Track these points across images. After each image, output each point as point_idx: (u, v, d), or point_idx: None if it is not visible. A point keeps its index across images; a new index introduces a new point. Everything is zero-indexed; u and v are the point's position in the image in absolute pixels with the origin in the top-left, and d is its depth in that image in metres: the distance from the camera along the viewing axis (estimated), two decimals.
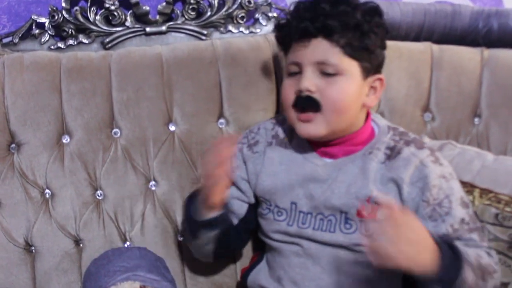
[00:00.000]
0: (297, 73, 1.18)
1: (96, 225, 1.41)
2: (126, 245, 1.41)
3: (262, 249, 1.34)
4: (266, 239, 1.28)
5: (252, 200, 1.29)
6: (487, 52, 1.48)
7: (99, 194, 1.41)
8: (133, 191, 1.42)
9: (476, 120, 1.47)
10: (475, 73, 1.46)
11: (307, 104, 1.16)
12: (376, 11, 1.19)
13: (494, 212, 1.27)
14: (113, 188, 1.42)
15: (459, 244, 1.12)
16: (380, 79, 1.21)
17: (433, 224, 1.15)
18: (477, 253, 1.13)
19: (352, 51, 1.15)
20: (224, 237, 1.26)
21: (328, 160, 1.22)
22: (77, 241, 1.41)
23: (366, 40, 1.16)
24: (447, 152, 1.37)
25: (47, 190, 1.40)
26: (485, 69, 1.46)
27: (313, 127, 1.17)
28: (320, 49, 1.15)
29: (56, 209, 1.40)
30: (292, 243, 1.23)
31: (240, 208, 1.29)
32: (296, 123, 1.19)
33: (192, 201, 1.26)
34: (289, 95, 1.18)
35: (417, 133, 1.43)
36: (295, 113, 1.18)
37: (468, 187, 1.31)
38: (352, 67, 1.16)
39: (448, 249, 1.05)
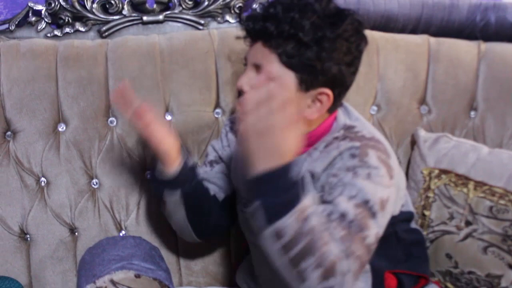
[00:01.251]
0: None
1: (91, 213, 1.41)
2: (121, 234, 1.41)
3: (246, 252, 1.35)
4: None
5: None
6: (484, 46, 1.48)
7: (95, 183, 1.41)
8: (128, 180, 1.42)
9: (472, 113, 1.47)
10: (471, 66, 1.46)
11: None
12: (336, 21, 1.09)
13: (489, 205, 1.28)
14: (109, 177, 1.42)
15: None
16: (326, 94, 1.11)
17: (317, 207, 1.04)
18: (329, 231, 0.99)
19: (288, 62, 1.09)
20: (193, 201, 1.24)
21: None
22: (72, 230, 1.41)
23: (308, 53, 1.08)
24: (442, 145, 1.37)
25: (42, 178, 1.40)
26: (482, 63, 1.47)
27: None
28: (259, 52, 1.12)
29: (52, 197, 1.40)
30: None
31: (227, 184, 1.29)
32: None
33: (152, 170, 1.27)
34: (237, 88, 1.19)
35: (413, 125, 1.44)
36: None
37: (463, 179, 1.32)
38: (286, 76, 1.10)
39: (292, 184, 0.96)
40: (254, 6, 1.51)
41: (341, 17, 1.08)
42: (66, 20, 1.47)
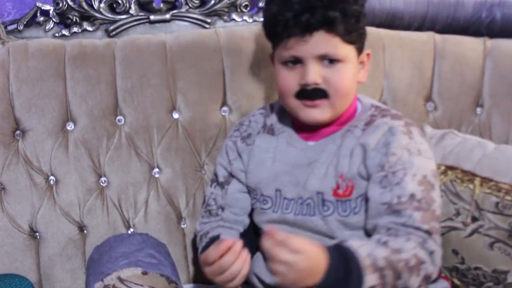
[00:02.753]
0: (296, 62, 1.16)
1: (100, 211, 1.42)
2: (129, 232, 1.42)
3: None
4: (259, 230, 1.28)
5: None
6: (490, 42, 1.48)
7: (103, 181, 1.43)
8: (136, 178, 1.43)
9: (478, 110, 1.47)
10: (477, 63, 1.47)
11: (315, 94, 1.15)
12: None
13: (495, 201, 1.28)
14: (117, 175, 1.43)
15: (380, 235, 1.10)
16: (368, 54, 1.22)
17: (380, 191, 1.13)
18: (397, 247, 1.06)
19: (349, 38, 1.15)
20: None
21: (310, 143, 1.21)
22: (81, 228, 1.42)
23: (361, 23, 1.16)
24: (448, 141, 1.38)
25: (51, 177, 1.41)
26: (488, 59, 1.47)
27: (319, 112, 1.17)
28: (322, 42, 1.13)
29: (61, 195, 1.41)
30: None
31: (246, 202, 1.28)
32: (301, 109, 1.18)
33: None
34: (290, 86, 1.17)
35: (420, 122, 1.44)
36: (299, 101, 1.17)
37: (469, 175, 1.32)
38: (349, 51, 1.16)
39: (340, 263, 1.02)
40: (260, 4, 1.52)
41: None
42: (74, 20, 1.49)
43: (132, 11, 1.50)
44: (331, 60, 1.14)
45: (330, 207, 1.18)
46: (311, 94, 1.15)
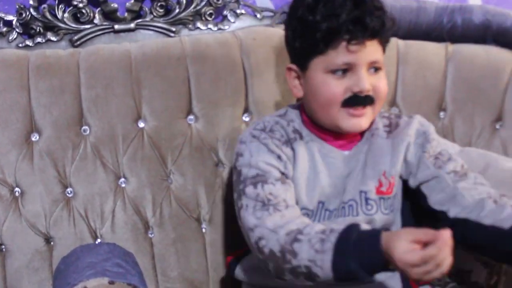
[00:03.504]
0: (344, 71, 1.15)
1: (66, 222, 1.41)
2: (96, 242, 1.41)
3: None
4: None
5: None
6: (452, 47, 1.51)
7: (69, 192, 1.41)
8: (103, 188, 1.42)
9: (442, 113, 1.50)
10: (440, 68, 1.49)
11: (365, 101, 1.16)
12: None
13: None
14: (83, 186, 1.42)
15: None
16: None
17: (438, 169, 1.19)
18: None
19: (385, 46, 1.20)
20: None
21: (345, 153, 1.22)
22: (47, 239, 1.40)
23: (391, 31, 1.21)
24: None
25: (16, 188, 1.40)
26: (450, 64, 1.49)
27: (364, 120, 1.18)
28: (374, 49, 1.16)
29: (26, 207, 1.40)
30: None
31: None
32: (345, 118, 1.16)
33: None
34: (338, 93, 1.15)
35: None
36: (345, 109, 1.16)
37: None
38: (383, 59, 1.20)
39: None
40: (225, 12, 1.53)
41: None
42: (38, 30, 1.48)
43: (96, 21, 1.49)
44: (376, 68, 1.17)
45: (373, 206, 1.20)
46: (364, 101, 1.16)
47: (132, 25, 1.50)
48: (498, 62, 1.49)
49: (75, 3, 1.47)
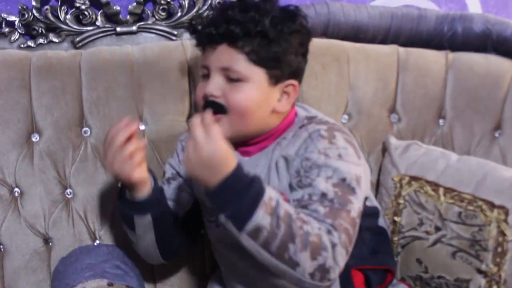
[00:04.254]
0: (207, 75, 1.19)
1: (65, 223, 1.41)
2: (95, 244, 1.41)
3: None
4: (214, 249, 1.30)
5: None
6: (452, 55, 1.51)
7: (69, 193, 1.42)
8: (102, 189, 1.42)
9: (441, 121, 1.50)
10: (440, 76, 1.50)
11: (213, 108, 1.15)
12: (290, 16, 1.17)
13: (457, 211, 1.30)
14: (83, 187, 1.42)
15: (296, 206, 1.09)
16: (293, 85, 1.19)
17: (295, 192, 1.13)
18: (306, 219, 1.04)
19: (257, 59, 1.14)
20: (162, 224, 1.24)
21: (246, 158, 1.22)
22: (46, 240, 1.41)
23: (274, 47, 1.14)
24: (412, 152, 1.40)
25: (16, 189, 1.40)
26: (450, 72, 1.50)
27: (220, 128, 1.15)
28: (225, 55, 1.15)
29: (25, 207, 1.40)
30: (222, 242, 1.25)
31: (187, 200, 1.29)
32: None
33: (120, 195, 1.25)
34: (199, 97, 1.19)
35: (384, 133, 1.47)
36: None
37: (433, 186, 1.34)
38: (257, 74, 1.15)
39: (243, 180, 1.02)
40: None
41: (292, 13, 1.19)
42: (40, 31, 1.48)
43: (98, 23, 1.50)
44: (232, 78, 1.15)
45: None
46: (208, 106, 1.15)
47: (134, 28, 1.50)
48: (497, 71, 1.50)
49: (77, 4, 1.48)
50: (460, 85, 1.49)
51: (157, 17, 1.51)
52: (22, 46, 1.48)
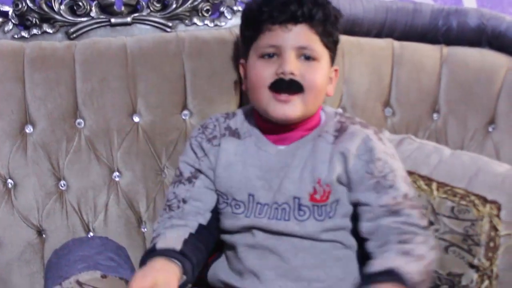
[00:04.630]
0: (273, 55, 1.20)
1: (59, 215, 1.41)
2: (89, 236, 1.41)
3: (219, 248, 1.32)
4: (225, 235, 1.27)
5: None
6: (446, 50, 1.51)
7: (62, 185, 1.41)
8: (96, 181, 1.42)
9: (435, 115, 1.51)
10: (434, 70, 1.50)
11: (290, 86, 1.18)
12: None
13: (450, 205, 1.31)
14: (77, 179, 1.42)
15: (394, 244, 1.15)
16: (336, 70, 1.28)
17: (376, 195, 1.18)
18: (420, 253, 1.13)
19: (327, 41, 1.21)
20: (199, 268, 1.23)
21: (281, 147, 1.23)
22: (39, 232, 1.40)
23: (336, 32, 1.23)
24: (406, 146, 1.40)
25: (9, 180, 1.39)
26: (444, 66, 1.50)
27: (291, 108, 1.19)
28: (304, 34, 1.19)
29: (19, 199, 1.40)
30: (249, 235, 1.24)
31: (212, 198, 1.28)
32: (272, 103, 1.19)
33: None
34: (265, 76, 1.19)
35: (378, 127, 1.44)
36: (272, 94, 1.19)
37: (426, 180, 1.34)
38: (325, 55, 1.21)
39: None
40: (222, 9, 1.53)
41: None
42: (34, 22, 1.47)
43: (93, 14, 1.49)
44: (308, 57, 1.19)
45: (306, 212, 1.20)
46: (288, 85, 1.18)
47: (128, 19, 1.50)
48: (492, 66, 1.50)
49: None
50: (454, 79, 1.50)
51: (152, 9, 1.50)
52: (16, 36, 1.47)
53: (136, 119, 1.44)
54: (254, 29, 1.22)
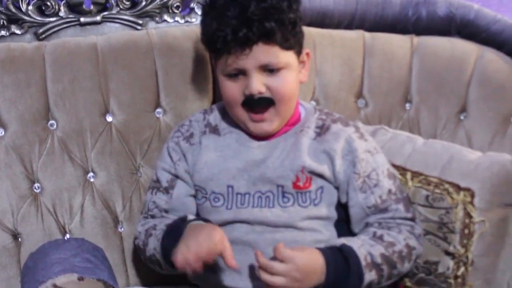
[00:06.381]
0: (239, 74, 1.19)
1: (34, 218, 1.40)
2: (65, 238, 1.40)
3: None
4: None
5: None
6: (417, 40, 1.52)
7: (37, 187, 1.40)
8: (71, 183, 1.41)
9: (407, 105, 1.52)
10: (405, 60, 1.51)
11: (261, 103, 1.19)
12: None
13: (425, 194, 1.31)
14: (51, 181, 1.41)
15: (374, 228, 1.23)
16: (307, 53, 1.26)
17: (363, 195, 1.24)
18: (391, 240, 1.21)
19: (288, 44, 1.18)
20: None
21: (262, 142, 1.25)
22: (15, 235, 1.39)
23: (297, 28, 1.20)
24: (379, 137, 1.40)
25: None
26: (415, 56, 1.51)
27: (268, 124, 1.22)
28: (261, 53, 1.16)
29: None
30: (230, 230, 1.23)
31: (192, 204, 1.29)
32: (249, 122, 1.22)
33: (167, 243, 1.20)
34: (235, 96, 1.20)
35: (351, 119, 1.45)
36: (246, 113, 1.21)
37: (401, 170, 1.35)
38: (289, 57, 1.20)
39: (339, 261, 1.15)
40: (192, 5, 1.52)
41: None
42: (1, 23, 1.45)
43: (61, 13, 1.48)
44: (272, 69, 1.18)
45: (290, 199, 1.22)
46: (258, 103, 1.19)
47: (98, 18, 1.49)
48: (462, 54, 1.51)
49: None
50: (425, 69, 1.51)
51: (121, 7, 1.49)
52: None
53: (109, 118, 1.43)
54: (214, 52, 1.22)
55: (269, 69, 1.18)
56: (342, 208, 1.27)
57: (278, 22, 1.15)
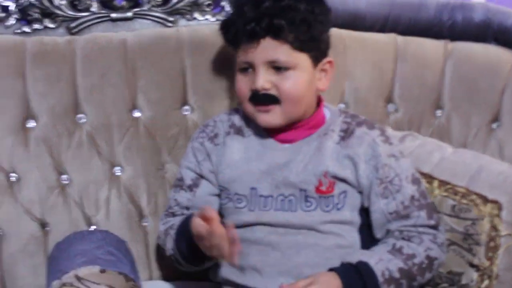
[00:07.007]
0: (249, 68, 1.21)
1: (61, 209, 1.42)
2: (90, 229, 1.42)
3: None
4: None
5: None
6: (451, 45, 1.49)
7: (65, 179, 1.42)
8: (98, 176, 1.43)
9: (438, 112, 1.49)
10: (438, 65, 1.48)
11: (265, 100, 1.20)
12: None
13: (451, 204, 1.30)
14: (78, 173, 1.43)
15: (394, 239, 1.23)
16: (330, 62, 1.25)
17: (385, 201, 1.23)
18: (411, 252, 1.20)
19: (300, 45, 1.18)
20: None
21: (286, 145, 1.25)
22: (43, 225, 1.42)
23: (313, 31, 1.19)
24: (408, 143, 1.39)
25: (12, 174, 1.41)
26: (448, 62, 1.48)
27: (272, 117, 1.22)
28: (269, 49, 1.18)
29: (22, 192, 1.41)
30: (252, 231, 1.24)
31: (215, 203, 1.30)
32: (255, 114, 1.23)
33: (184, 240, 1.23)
34: (244, 90, 1.22)
35: (380, 123, 1.44)
36: (253, 106, 1.22)
37: (428, 178, 1.33)
38: (302, 59, 1.20)
39: (355, 280, 1.16)
40: (223, 3, 1.51)
41: None
42: (35, 17, 1.47)
43: (93, 9, 1.48)
44: (280, 67, 1.18)
45: (312, 203, 1.22)
46: (262, 99, 1.20)
47: (129, 14, 1.49)
48: (497, 62, 1.47)
49: None
50: (458, 75, 1.47)
51: (152, 3, 1.49)
52: (17, 31, 1.47)
53: (136, 114, 1.44)
54: (231, 47, 1.26)
55: (277, 67, 1.19)
56: (366, 213, 1.26)
57: (289, 20, 1.16)
